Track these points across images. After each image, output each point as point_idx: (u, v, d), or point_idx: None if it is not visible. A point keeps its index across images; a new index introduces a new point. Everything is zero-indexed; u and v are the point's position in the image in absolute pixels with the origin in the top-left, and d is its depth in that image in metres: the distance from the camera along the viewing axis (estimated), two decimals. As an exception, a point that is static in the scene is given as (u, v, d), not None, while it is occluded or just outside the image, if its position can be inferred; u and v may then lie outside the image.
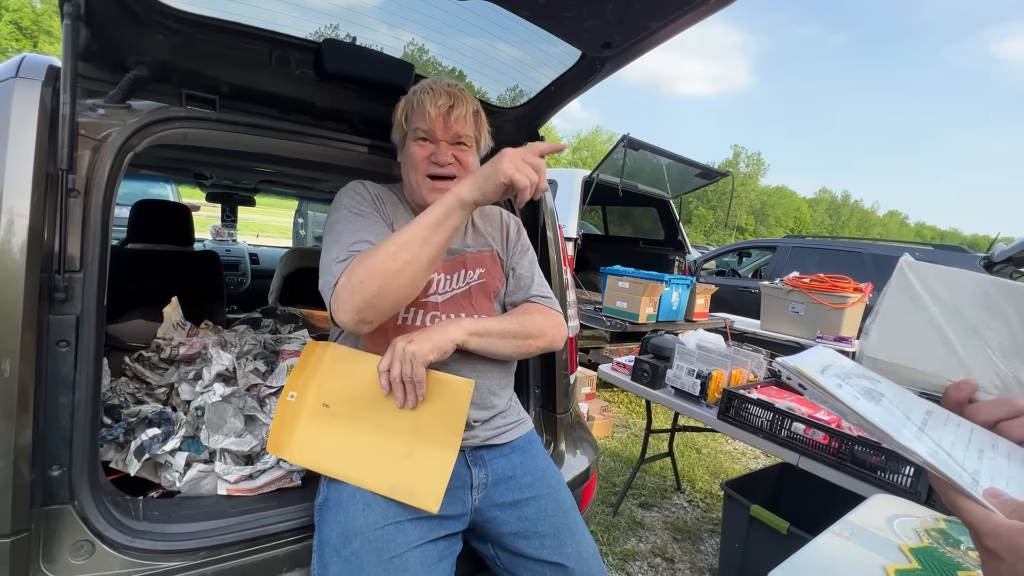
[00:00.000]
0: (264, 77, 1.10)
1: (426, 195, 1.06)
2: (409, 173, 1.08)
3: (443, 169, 1.05)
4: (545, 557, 0.99)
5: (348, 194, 1.08)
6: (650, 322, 3.74)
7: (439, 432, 0.96)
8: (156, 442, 1.00)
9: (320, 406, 1.00)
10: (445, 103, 1.03)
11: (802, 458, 1.64)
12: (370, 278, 0.85)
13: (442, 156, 1.04)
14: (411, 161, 1.07)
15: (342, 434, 0.98)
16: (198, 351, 1.26)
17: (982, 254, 4.82)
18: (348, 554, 0.86)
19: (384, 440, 0.97)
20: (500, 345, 1.03)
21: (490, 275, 1.14)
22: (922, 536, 1.14)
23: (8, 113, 0.80)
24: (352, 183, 1.12)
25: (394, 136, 1.14)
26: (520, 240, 1.25)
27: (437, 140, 1.05)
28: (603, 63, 1.23)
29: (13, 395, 0.76)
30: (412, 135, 1.07)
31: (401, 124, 1.09)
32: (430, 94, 1.04)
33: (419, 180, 1.06)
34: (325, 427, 0.99)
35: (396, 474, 0.94)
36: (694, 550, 2.25)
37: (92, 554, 0.84)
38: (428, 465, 0.95)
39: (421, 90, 1.06)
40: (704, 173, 4.90)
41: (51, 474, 0.83)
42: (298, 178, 2.48)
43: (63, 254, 0.84)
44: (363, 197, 1.08)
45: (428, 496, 0.93)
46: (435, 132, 1.04)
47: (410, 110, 1.07)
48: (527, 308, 1.14)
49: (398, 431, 0.97)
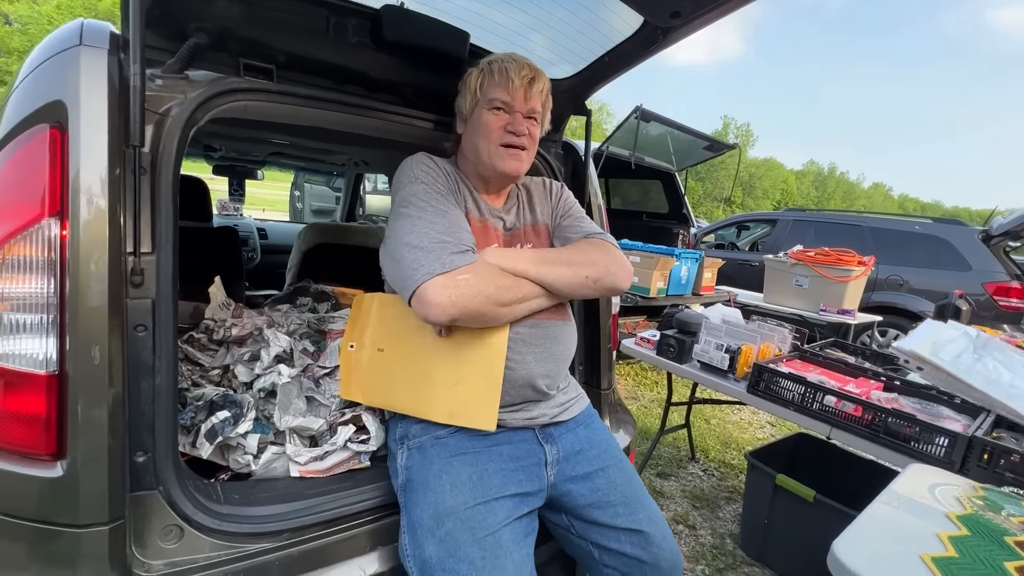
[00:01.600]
0: (321, 46, 1.05)
1: (498, 163, 1.06)
2: (478, 142, 1.07)
3: (518, 139, 1.05)
4: (620, 524, 1.02)
5: (420, 168, 1.05)
6: (660, 296, 3.76)
7: (482, 358, 0.99)
8: (228, 424, 0.98)
9: (376, 351, 1.10)
10: (528, 75, 1.04)
11: (834, 430, 1.69)
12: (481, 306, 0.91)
13: (519, 126, 1.05)
14: (484, 130, 1.05)
15: (398, 373, 1.06)
16: (250, 332, 1.24)
17: (980, 227, 4.90)
18: (443, 534, 0.87)
19: (434, 372, 1.02)
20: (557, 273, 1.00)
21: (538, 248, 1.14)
22: (965, 504, 1.19)
23: (77, 85, 0.75)
24: (418, 155, 1.10)
25: (462, 105, 1.11)
26: (564, 198, 1.27)
27: (514, 111, 1.05)
28: (666, 33, 1.19)
29: (105, 382, 0.74)
30: (487, 104, 1.05)
31: (475, 92, 1.07)
32: (514, 64, 1.03)
33: (492, 149, 1.06)
34: (383, 369, 1.08)
35: (450, 402, 1.00)
36: (713, 517, 2.33)
37: (181, 538, 0.84)
38: (477, 390, 0.99)
39: (503, 60, 1.05)
40: (711, 145, 4.86)
41: (137, 460, 0.82)
42: (314, 151, 2.41)
43: (137, 236, 0.80)
44: (437, 173, 1.06)
45: (483, 418, 0.98)
46: (514, 104, 1.04)
47: (487, 79, 1.05)
48: (584, 243, 1.12)
49: (444, 363, 1.02)
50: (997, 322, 4.40)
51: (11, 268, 0.71)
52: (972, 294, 4.45)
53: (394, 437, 1.05)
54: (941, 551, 0.98)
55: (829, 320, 3.75)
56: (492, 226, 1.11)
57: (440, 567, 0.85)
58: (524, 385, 1.02)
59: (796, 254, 4.14)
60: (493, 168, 1.07)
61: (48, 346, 0.72)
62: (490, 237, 1.09)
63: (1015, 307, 4.58)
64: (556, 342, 1.08)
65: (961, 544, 1.00)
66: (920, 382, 1.89)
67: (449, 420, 0.99)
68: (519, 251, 1.04)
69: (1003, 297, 4.60)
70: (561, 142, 1.54)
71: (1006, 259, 4.78)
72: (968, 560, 0.95)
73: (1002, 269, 4.67)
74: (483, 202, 1.13)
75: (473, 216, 1.08)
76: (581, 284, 1.03)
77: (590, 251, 1.08)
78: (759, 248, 6.37)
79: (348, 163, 2.85)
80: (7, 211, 0.72)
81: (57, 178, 0.73)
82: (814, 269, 3.96)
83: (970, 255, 4.78)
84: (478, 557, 0.85)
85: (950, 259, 4.86)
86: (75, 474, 0.72)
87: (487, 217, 1.11)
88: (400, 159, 1.09)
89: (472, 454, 0.97)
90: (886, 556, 0.95)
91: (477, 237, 1.02)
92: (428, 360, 1.03)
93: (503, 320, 0.97)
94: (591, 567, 1.07)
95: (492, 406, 0.98)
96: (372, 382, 1.09)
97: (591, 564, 1.06)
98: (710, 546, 2.11)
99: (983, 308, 4.53)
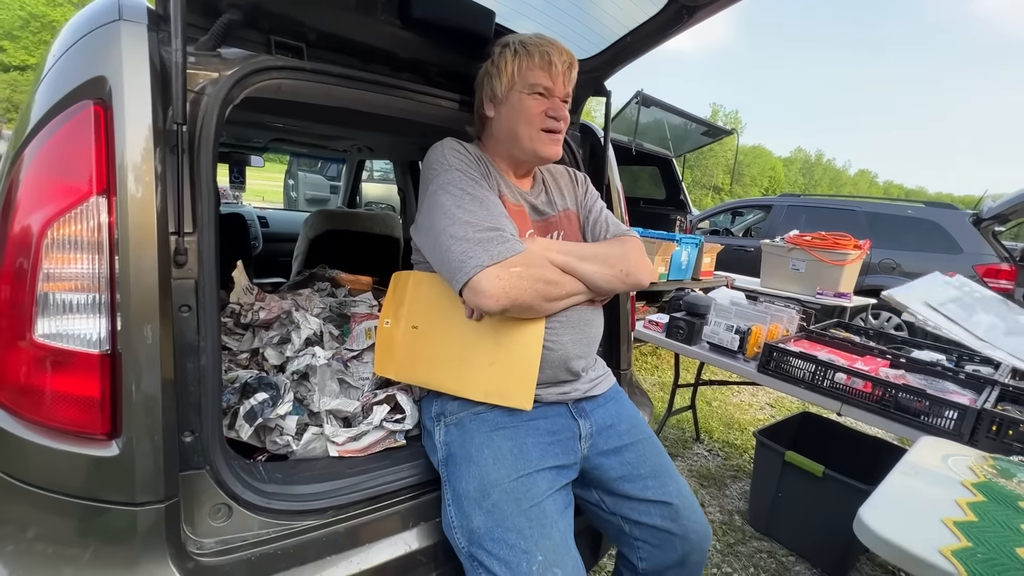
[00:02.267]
0: (351, 23, 1.04)
1: (540, 148, 1.07)
2: (517, 127, 1.06)
3: (559, 124, 1.06)
4: (650, 496, 1.04)
5: (452, 154, 1.04)
6: (662, 281, 3.79)
7: (520, 340, 1.01)
8: (267, 406, 0.99)
9: (410, 328, 1.10)
10: (568, 60, 1.05)
11: (844, 406, 1.73)
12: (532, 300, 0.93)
13: (560, 111, 1.05)
14: (525, 115, 1.05)
15: (433, 350, 1.07)
16: (277, 315, 1.23)
17: (971, 211, 4.99)
18: (489, 505, 0.89)
19: (469, 352, 1.03)
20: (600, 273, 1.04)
21: (571, 236, 1.17)
22: (978, 472, 1.23)
23: (120, 60, 0.73)
24: (448, 140, 1.09)
25: (495, 87, 1.08)
26: (589, 191, 1.28)
27: (553, 96, 1.05)
28: (692, 13, 1.19)
29: (157, 361, 0.74)
30: (527, 89, 1.05)
31: (512, 76, 1.05)
32: (555, 49, 1.04)
33: (533, 134, 1.06)
34: (418, 346, 1.08)
35: (486, 381, 1.01)
36: (720, 495, 2.39)
37: (230, 516, 0.85)
38: (514, 369, 1.01)
39: (543, 44, 1.04)
40: (709, 131, 4.88)
41: (185, 440, 0.82)
42: (320, 136, 2.37)
43: (180, 215, 0.80)
44: (469, 159, 1.05)
45: (519, 396, 1.00)
46: (555, 89, 1.05)
47: (527, 61, 1.04)
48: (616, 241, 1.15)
49: (480, 343, 1.02)
50: (987, 303, 4.51)
51: (60, 247, 0.70)
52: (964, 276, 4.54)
53: (429, 415, 1.06)
54: (961, 516, 1.02)
55: (825, 303, 3.81)
56: (526, 211, 1.11)
57: (489, 536, 0.87)
58: (560, 366, 1.04)
59: (793, 239, 4.19)
60: (535, 153, 1.07)
61: (100, 326, 0.71)
62: (526, 221, 1.09)
63: (1004, 288, 4.68)
64: (589, 325, 1.10)
65: (979, 509, 1.04)
66: (925, 359, 1.94)
67: (484, 398, 1.01)
68: (564, 244, 1.05)
69: (992, 279, 4.71)
70: (579, 124, 1.54)
71: (995, 242, 4.88)
72: (987, 523, 0.99)
73: (992, 252, 4.77)
74: (514, 186, 1.13)
75: (509, 200, 1.08)
76: (616, 280, 1.07)
77: (624, 248, 1.12)
78: (753, 234, 6.43)
79: (351, 149, 2.82)
80: (54, 190, 0.71)
81: (103, 155, 0.72)
82: (811, 253, 4.02)
83: (961, 238, 4.88)
84: (525, 527, 0.87)
85: (942, 242, 4.96)
86: (131, 453, 0.72)
87: (520, 201, 1.11)
88: (414, 143, 1.10)
89: (511, 428, 0.99)
90: (911, 521, 0.99)
91: (514, 221, 1.03)
92: (463, 339, 1.03)
93: (546, 312, 0.99)
94: (622, 542, 1.09)
95: (529, 386, 0.99)
96: (406, 359, 1.09)
97: (622, 539, 1.09)
98: (719, 522, 2.16)
99: (973, 290, 4.62)
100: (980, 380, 1.72)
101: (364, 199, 5.11)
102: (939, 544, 0.91)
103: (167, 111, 0.78)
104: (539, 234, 1.10)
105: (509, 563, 0.84)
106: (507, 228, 0.96)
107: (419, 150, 2.28)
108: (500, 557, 0.85)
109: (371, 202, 5.14)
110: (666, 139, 5.10)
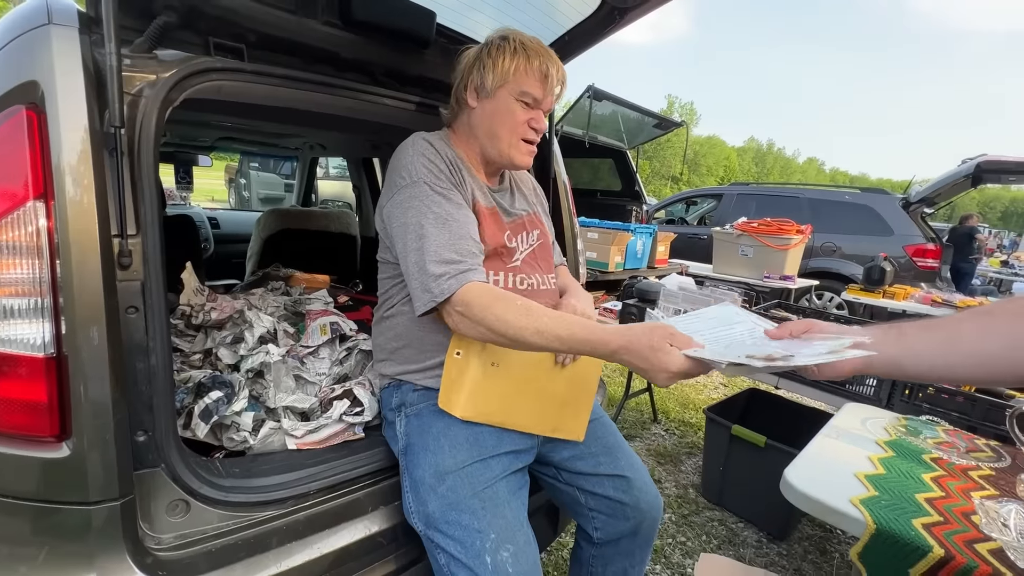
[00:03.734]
0: (291, 25, 1.05)
1: (516, 157, 1.07)
2: (498, 129, 1.04)
3: (537, 136, 1.07)
4: (603, 471, 1.11)
5: (421, 162, 0.98)
6: (618, 270, 3.92)
7: (587, 378, 1.10)
8: (222, 404, 1.00)
9: (489, 364, 1.01)
10: (562, 76, 1.07)
11: (781, 379, 1.87)
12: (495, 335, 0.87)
13: (542, 124, 1.06)
14: (509, 119, 1.03)
15: (511, 389, 1.03)
16: (229, 315, 1.24)
17: (900, 195, 5.36)
18: (444, 490, 0.93)
19: (548, 392, 1.07)
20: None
21: (544, 236, 1.21)
22: (890, 432, 1.37)
23: (51, 64, 0.73)
24: (417, 142, 1.03)
25: (484, 80, 1.03)
26: (545, 204, 1.34)
27: (539, 107, 1.06)
28: (623, 14, 1.26)
29: (105, 363, 0.75)
30: (517, 93, 1.02)
31: (506, 75, 1.01)
32: (553, 63, 1.03)
33: (513, 141, 1.05)
34: (494, 384, 1.01)
35: (556, 419, 1.08)
36: (676, 471, 2.52)
37: (188, 511, 0.86)
38: (579, 408, 1.10)
39: (540, 54, 1.02)
40: (660, 123, 5.04)
41: (138, 439, 0.83)
42: (269, 134, 2.35)
43: (123, 218, 0.80)
44: (439, 168, 0.99)
45: (577, 430, 1.11)
46: (544, 102, 1.05)
47: (522, 66, 1.01)
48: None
49: (556, 383, 1.07)
50: (916, 281, 4.87)
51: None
52: (895, 256, 4.89)
53: (389, 406, 1.10)
54: (872, 470, 1.14)
55: (772, 286, 4.03)
56: (498, 212, 1.11)
57: (444, 519, 0.91)
58: None
59: (741, 225, 4.40)
60: (509, 159, 1.07)
61: (44, 330, 0.72)
62: (499, 223, 1.09)
63: (931, 267, 5.07)
64: None
65: (887, 463, 1.17)
66: (852, 333, 2.11)
67: (552, 434, 1.09)
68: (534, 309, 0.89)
69: (920, 258, 5.08)
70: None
71: (923, 224, 5.27)
72: (893, 475, 1.11)
73: (919, 233, 5.15)
74: (484, 184, 1.13)
75: (481, 204, 1.06)
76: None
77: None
78: (707, 222, 6.69)
79: (303, 147, 2.79)
80: (-12, 195, 0.71)
81: (38, 160, 0.72)
82: (757, 239, 4.23)
83: (893, 221, 5.24)
84: (478, 508, 0.92)
85: (875, 225, 5.31)
86: (82, 453, 0.73)
87: (492, 203, 1.10)
88: (366, 140, 1.11)
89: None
90: (828, 477, 1.10)
91: (485, 223, 1.04)
92: (541, 380, 1.06)
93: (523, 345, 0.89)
94: (577, 512, 1.16)
95: (584, 421, 1.12)
96: (481, 396, 1.00)
97: (577, 509, 1.15)
98: (675, 496, 2.28)
99: (904, 269, 4.99)
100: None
101: (320, 197, 5.02)
102: (850, 495, 1.01)
103: (104, 114, 0.79)
104: (513, 233, 1.11)
105: (463, 542, 0.89)
106: (466, 255, 0.92)
107: (371, 147, 2.28)
108: (455, 537, 0.90)
109: (327, 200, 5.06)
110: (620, 132, 5.23)
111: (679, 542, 1.99)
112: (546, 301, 1.11)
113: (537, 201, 1.28)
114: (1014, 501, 0.99)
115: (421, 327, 1.05)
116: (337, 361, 1.26)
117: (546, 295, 1.14)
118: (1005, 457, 1.21)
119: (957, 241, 7.38)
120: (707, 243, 4.81)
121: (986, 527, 0.91)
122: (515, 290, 1.07)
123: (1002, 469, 1.15)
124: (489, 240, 1.03)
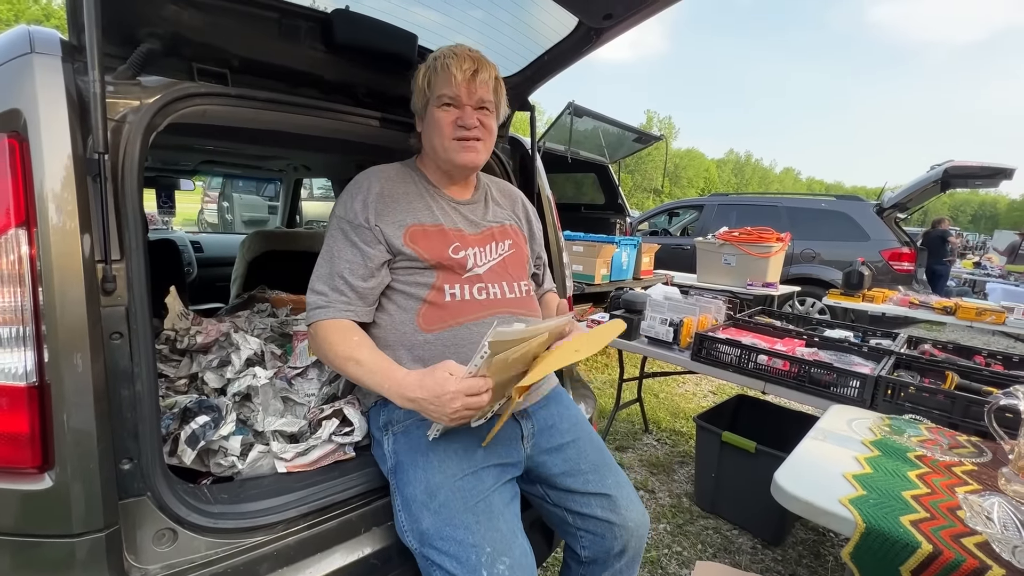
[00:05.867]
0: (275, 49, 1.07)
1: (455, 156, 1.10)
2: (434, 139, 1.10)
3: (470, 132, 1.08)
4: (591, 489, 1.11)
5: (347, 198, 1.09)
6: (605, 282, 3.96)
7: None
8: (209, 428, 0.99)
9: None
10: (470, 67, 1.06)
11: (767, 384, 1.89)
12: (325, 358, 1.05)
13: (468, 119, 1.07)
14: (437, 128, 1.08)
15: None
16: (215, 339, 1.23)
17: (874, 202, 5.52)
18: (437, 506, 0.92)
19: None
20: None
21: (518, 245, 1.22)
22: (875, 431, 1.39)
23: (34, 93, 0.74)
24: (360, 178, 1.12)
25: (416, 104, 1.14)
26: (533, 218, 1.36)
27: (462, 105, 1.07)
28: (599, 34, 1.30)
29: (89, 390, 0.74)
30: (436, 102, 1.08)
31: (424, 90, 1.09)
32: (455, 59, 1.05)
33: (447, 144, 1.09)
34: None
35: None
36: (669, 480, 2.52)
37: (175, 541, 0.84)
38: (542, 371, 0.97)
39: (445, 56, 1.07)
40: (640, 137, 5.14)
41: (123, 467, 0.81)
42: (253, 156, 2.35)
43: (107, 243, 0.80)
44: (362, 204, 1.07)
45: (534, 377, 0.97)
46: (461, 97, 1.07)
47: (433, 76, 1.07)
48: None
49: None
50: (894, 284, 4.99)
51: (-21, 281, 0.69)
52: (872, 261, 5.02)
53: (377, 425, 1.09)
54: (859, 469, 1.16)
55: (756, 293, 4.10)
56: (448, 227, 1.13)
57: (438, 535, 0.90)
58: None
59: (723, 235, 4.48)
60: (451, 162, 1.11)
61: (27, 358, 0.71)
62: (448, 238, 1.11)
63: (906, 270, 5.20)
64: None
65: (874, 462, 1.19)
66: (835, 337, 2.15)
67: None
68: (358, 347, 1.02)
69: (896, 261, 5.22)
70: (508, 137, 1.63)
71: (897, 228, 5.43)
72: (880, 473, 1.13)
73: (894, 237, 5.30)
74: (448, 197, 1.16)
75: (423, 224, 1.10)
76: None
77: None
78: (689, 232, 6.80)
79: (287, 168, 2.79)
80: (-31, 224, 0.70)
81: (20, 187, 0.72)
82: (739, 248, 4.31)
83: (868, 227, 5.38)
84: (472, 522, 0.91)
85: (852, 231, 5.44)
86: (65, 484, 0.72)
87: (440, 220, 1.13)
88: (350, 161, 1.13)
89: (456, 432, 1.03)
90: (817, 478, 1.11)
91: (429, 241, 1.08)
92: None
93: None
94: (566, 532, 1.15)
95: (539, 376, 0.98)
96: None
97: (566, 529, 1.14)
98: (669, 506, 2.28)
99: (881, 273, 5.11)
100: (879, 351, 1.93)
101: (304, 218, 5.01)
102: (839, 495, 1.03)
103: (87, 140, 0.79)
104: (477, 244, 1.14)
105: (459, 558, 0.88)
106: (337, 295, 1.05)
107: (356, 167, 2.29)
108: (450, 553, 0.89)
109: (312, 220, 5.04)
110: (602, 147, 5.33)
111: (675, 552, 1.98)
112: (515, 309, 1.14)
113: (522, 215, 1.31)
114: (996, 495, 1.02)
115: (402, 344, 1.06)
116: (326, 381, 1.25)
117: (514, 304, 1.15)
118: (986, 452, 1.24)
119: (931, 244, 7.60)
120: (690, 253, 4.88)
121: (971, 521, 0.93)
122: (473, 300, 1.09)
123: (984, 464, 1.18)
124: (430, 255, 1.08)
